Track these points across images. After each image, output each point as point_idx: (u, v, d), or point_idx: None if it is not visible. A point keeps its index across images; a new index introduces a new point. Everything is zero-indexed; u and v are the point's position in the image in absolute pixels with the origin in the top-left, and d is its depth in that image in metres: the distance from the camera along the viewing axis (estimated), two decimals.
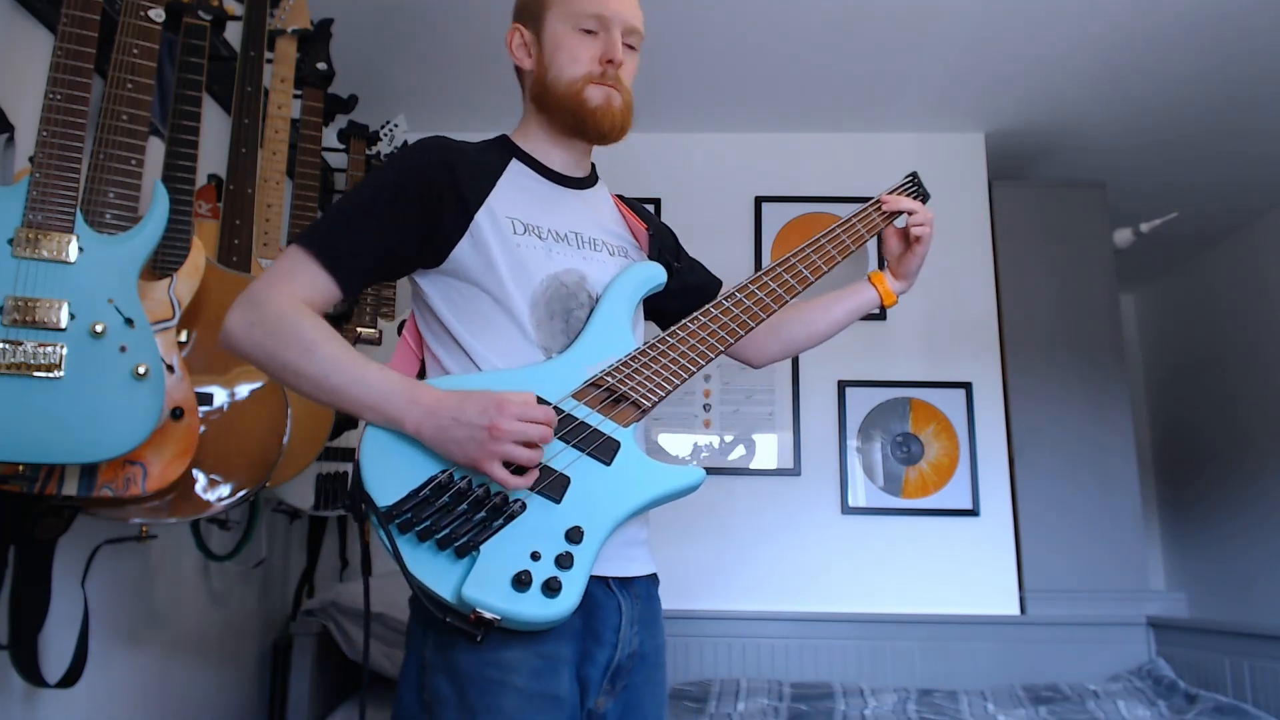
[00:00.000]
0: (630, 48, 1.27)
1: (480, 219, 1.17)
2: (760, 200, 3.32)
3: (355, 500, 1.03)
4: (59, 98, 1.47)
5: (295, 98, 2.33)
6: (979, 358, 3.19)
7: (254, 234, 1.97)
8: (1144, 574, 3.08)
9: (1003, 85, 3.03)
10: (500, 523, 1.01)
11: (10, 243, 1.41)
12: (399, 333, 1.92)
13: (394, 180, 1.17)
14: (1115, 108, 3.14)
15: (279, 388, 1.81)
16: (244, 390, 1.79)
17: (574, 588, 1.00)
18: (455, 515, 1.01)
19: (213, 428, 1.74)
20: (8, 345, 1.37)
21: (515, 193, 1.22)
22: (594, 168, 1.36)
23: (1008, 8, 2.61)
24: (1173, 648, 2.80)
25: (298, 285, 1.12)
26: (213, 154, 2.18)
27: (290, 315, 1.08)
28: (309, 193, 2.36)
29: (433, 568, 0.99)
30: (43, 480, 1.43)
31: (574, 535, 1.03)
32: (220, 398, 1.78)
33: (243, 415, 1.82)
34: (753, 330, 1.26)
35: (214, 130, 2.26)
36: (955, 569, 3.01)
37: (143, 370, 1.46)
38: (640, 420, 1.15)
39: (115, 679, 1.98)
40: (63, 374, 1.40)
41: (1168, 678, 2.66)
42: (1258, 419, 3.98)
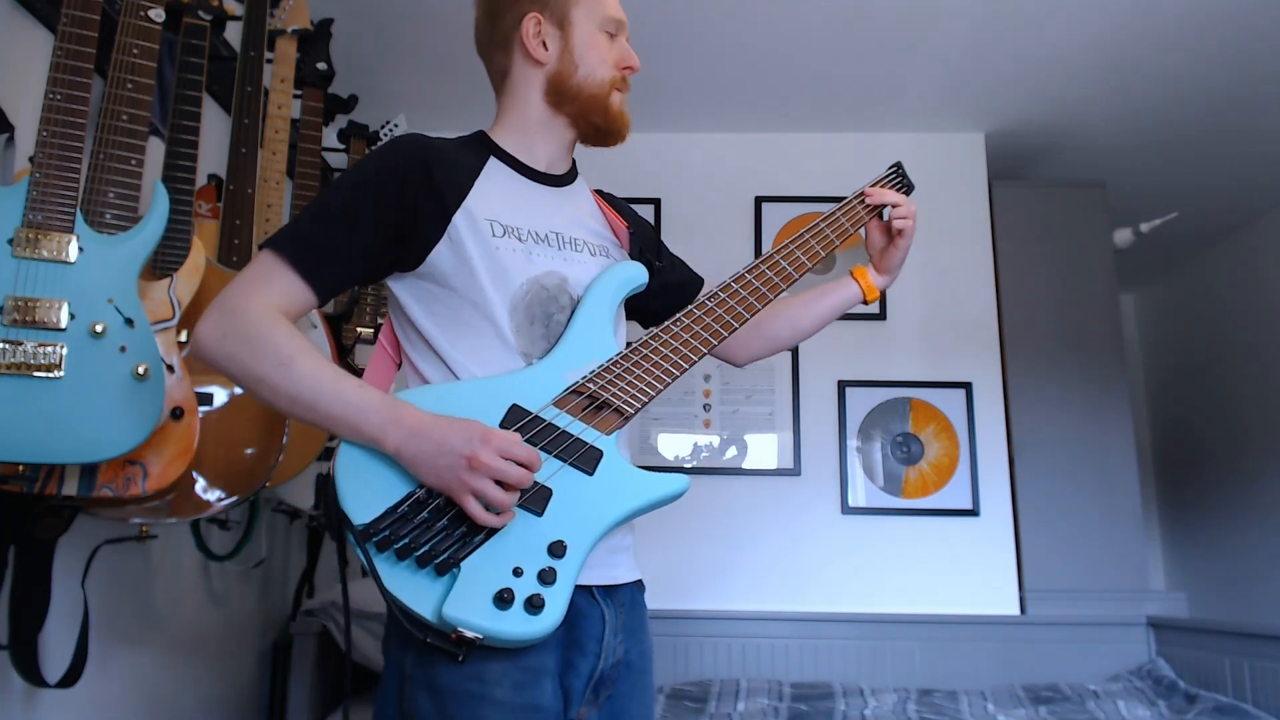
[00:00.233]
0: None
1: (458, 221, 1.13)
2: (760, 200, 3.31)
3: (331, 518, 1.00)
4: (59, 98, 1.47)
5: (295, 98, 2.33)
6: (979, 358, 3.19)
7: (254, 234, 1.97)
8: (1144, 574, 3.07)
9: (1003, 85, 3.03)
10: (480, 538, 0.98)
11: (10, 243, 1.41)
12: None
13: (369, 181, 1.13)
14: (1115, 108, 3.14)
15: None
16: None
17: (557, 604, 0.98)
18: (434, 531, 0.98)
19: (212, 427, 1.75)
20: (8, 345, 1.37)
21: (494, 192, 1.18)
22: (574, 164, 1.33)
23: (1008, 8, 2.61)
24: (1173, 648, 2.80)
25: (272, 293, 1.07)
26: (213, 154, 2.18)
27: (265, 326, 1.04)
28: (309, 193, 2.36)
29: (412, 586, 0.96)
30: (43, 480, 1.43)
31: (557, 549, 1.00)
32: (220, 397, 1.78)
33: (243, 415, 1.82)
34: (736, 331, 1.23)
35: (214, 130, 2.26)
36: (955, 569, 3.01)
37: (143, 370, 1.46)
38: (623, 427, 1.12)
39: (115, 679, 1.98)
40: (63, 374, 1.40)
41: (1168, 678, 2.66)
42: (1258, 419, 3.97)
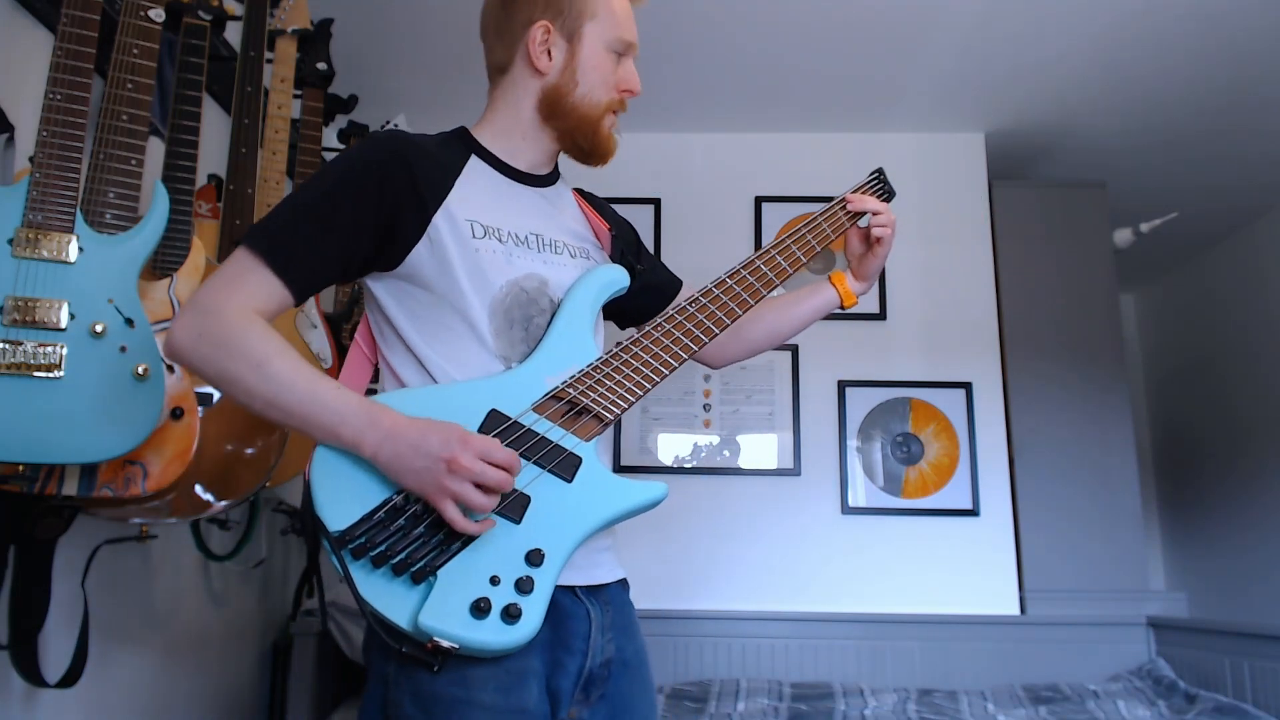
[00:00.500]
0: None
1: (438, 221, 1.11)
2: (760, 200, 3.31)
3: (307, 524, 0.99)
4: (59, 98, 1.47)
5: (295, 98, 2.33)
6: (979, 358, 3.19)
7: None
8: (1144, 574, 3.07)
9: (1003, 85, 3.03)
10: (457, 546, 0.97)
11: (10, 243, 1.41)
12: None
13: (348, 178, 1.10)
14: (1115, 108, 3.14)
15: None
16: None
17: (534, 613, 0.97)
18: (411, 539, 0.97)
19: (211, 427, 1.74)
20: (8, 345, 1.37)
21: (475, 192, 1.17)
22: (556, 165, 1.31)
23: (1008, 8, 2.61)
24: (1173, 648, 2.80)
25: (248, 292, 1.05)
26: (213, 154, 2.18)
27: (240, 327, 1.02)
28: None
29: (387, 594, 0.95)
30: (43, 480, 1.43)
31: (534, 558, 0.99)
32: (221, 398, 1.77)
33: (242, 414, 1.82)
34: (717, 336, 1.22)
35: (214, 130, 2.25)
36: (955, 569, 3.01)
37: (143, 370, 1.46)
38: (602, 434, 1.11)
39: (115, 679, 1.98)
40: (63, 374, 1.40)
41: (1168, 678, 2.66)
42: (1257, 419, 3.97)
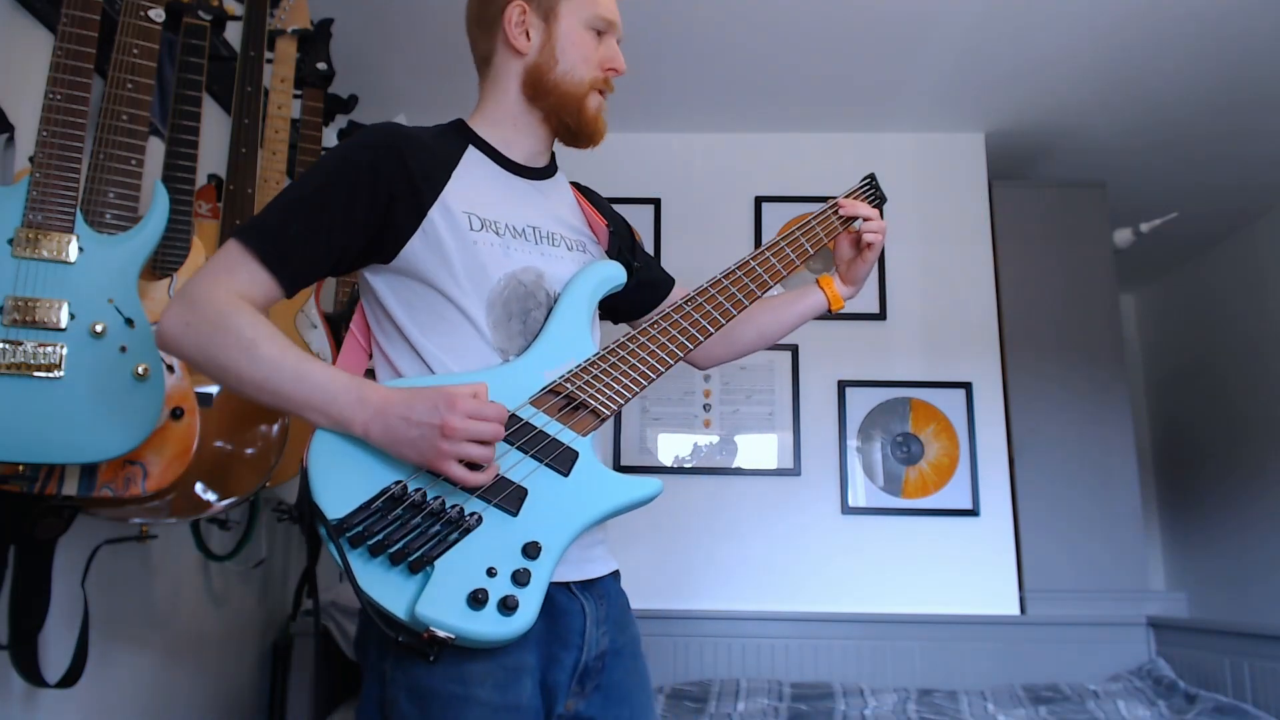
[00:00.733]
0: None
1: (434, 215, 1.11)
2: (760, 200, 3.31)
3: (304, 512, 0.98)
4: (59, 98, 1.47)
5: (295, 98, 2.33)
6: (979, 358, 3.19)
7: None
8: (1144, 574, 3.07)
9: (1003, 85, 3.03)
10: (456, 536, 0.97)
11: (10, 243, 1.41)
12: None
13: (342, 171, 1.10)
14: (1115, 108, 3.14)
15: None
16: None
17: (530, 605, 0.97)
18: (409, 529, 0.97)
19: (211, 426, 1.74)
20: (8, 345, 1.37)
21: (472, 184, 1.16)
22: (554, 157, 1.31)
23: (1008, 8, 2.61)
24: (1173, 648, 2.80)
25: (236, 283, 1.05)
26: (213, 154, 2.18)
27: (228, 313, 1.02)
28: None
29: (385, 584, 0.95)
30: (43, 480, 1.43)
31: (531, 550, 1.00)
32: (219, 397, 1.77)
33: (241, 413, 1.82)
34: (711, 336, 1.23)
35: (214, 130, 2.26)
36: (955, 569, 3.01)
37: (143, 370, 1.46)
38: (598, 428, 1.12)
39: (115, 679, 1.98)
40: (63, 374, 1.40)
41: (1168, 678, 2.66)
42: (1257, 419, 3.97)
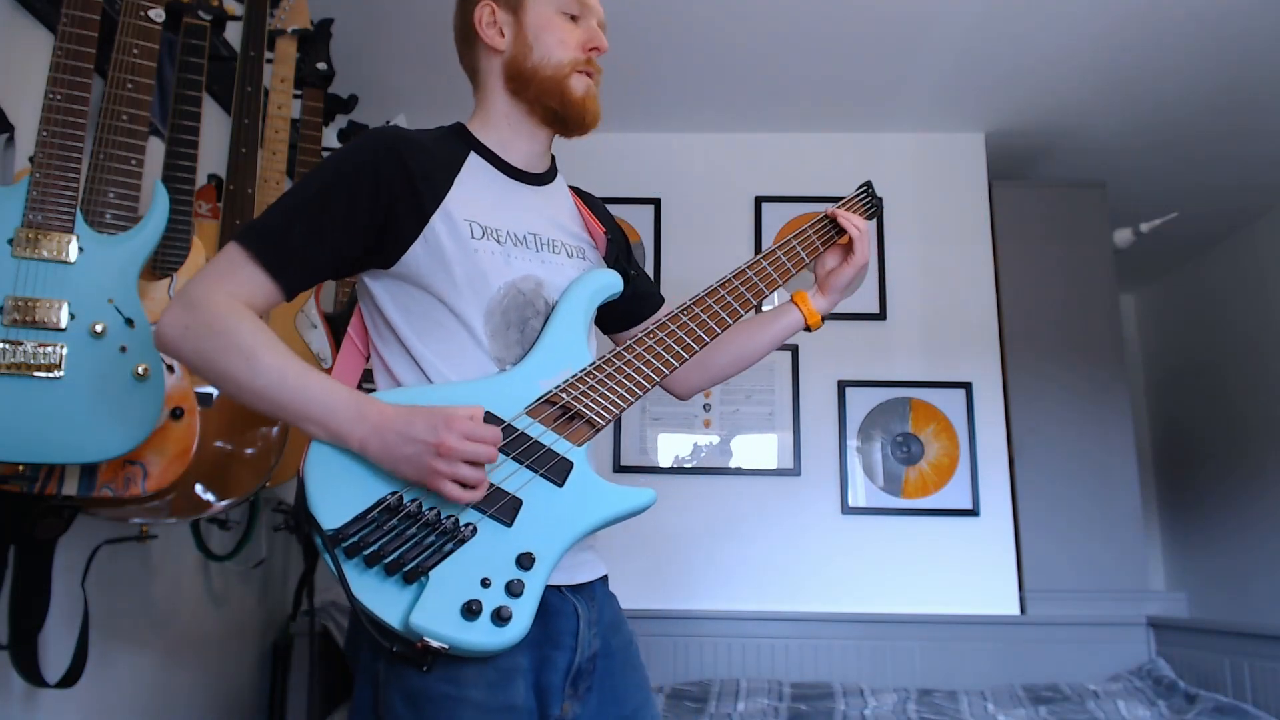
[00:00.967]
0: None
1: (436, 222, 1.11)
2: (760, 200, 3.31)
3: (300, 521, 0.99)
4: (59, 98, 1.47)
5: (295, 98, 2.33)
6: (979, 358, 3.19)
7: None
8: (1144, 574, 3.07)
9: (1003, 85, 3.03)
10: (450, 546, 0.98)
11: (10, 243, 1.41)
12: None
13: (342, 174, 1.09)
14: (1115, 108, 3.14)
15: None
16: None
17: (524, 615, 0.98)
18: (404, 540, 0.97)
19: (210, 426, 1.74)
20: (8, 345, 1.37)
21: (474, 191, 1.16)
22: (554, 160, 1.30)
23: (1008, 8, 2.61)
24: (1173, 648, 2.80)
25: (236, 287, 1.05)
26: (213, 154, 2.18)
27: (228, 319, 1.02)
28: None
29: (379, 594, 0.96)
30: (43, 480, 1.43)
31: (525, 561, 1.00)
32: (219, 397, 1.77)
33: (241, 414, 1.82)
34: (708, 345, 1.22)
35: (214, 130, 2.26)
36: (955, 569, 3.01)
37: (143, 370, 1.46)
38: (593, 438, 1.12)
39: (115, 679, 1.98)
40: (63, 374, 1.40)
41: (1168, 678, 2.66)
42: (1257, 419, 3.97)
